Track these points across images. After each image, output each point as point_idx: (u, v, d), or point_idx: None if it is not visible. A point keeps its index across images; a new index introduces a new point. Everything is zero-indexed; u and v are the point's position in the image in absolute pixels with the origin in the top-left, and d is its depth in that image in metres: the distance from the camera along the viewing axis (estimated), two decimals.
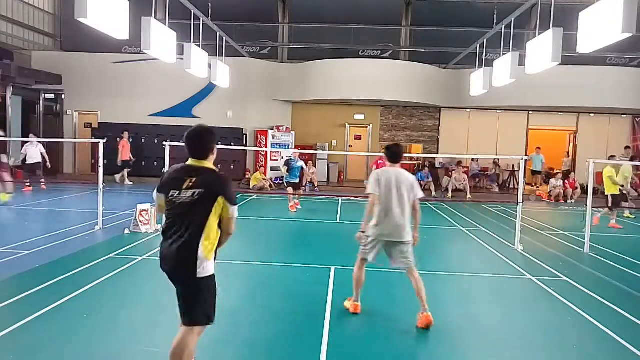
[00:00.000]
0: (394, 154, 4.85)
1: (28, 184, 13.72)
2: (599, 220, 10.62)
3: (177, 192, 3.11)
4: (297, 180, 12.07)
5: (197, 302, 3.16)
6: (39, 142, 13.96)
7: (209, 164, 3.24)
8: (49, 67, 18.11)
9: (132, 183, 15.92)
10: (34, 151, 13.64)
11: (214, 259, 3.20)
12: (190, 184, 3.09)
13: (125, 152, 16.31)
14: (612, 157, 12.06)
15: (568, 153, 18.30)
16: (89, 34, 10.93)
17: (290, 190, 11.92)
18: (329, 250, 7.98)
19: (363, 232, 4.81)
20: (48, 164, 13.97)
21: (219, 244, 3.24)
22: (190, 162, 3.22)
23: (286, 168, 12.11)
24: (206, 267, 3.11)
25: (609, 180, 10.37)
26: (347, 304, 5.04)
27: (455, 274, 6.78)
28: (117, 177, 16.30)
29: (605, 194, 10.70)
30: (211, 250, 3.15)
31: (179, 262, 3.09)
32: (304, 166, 12.53)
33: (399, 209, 4.65)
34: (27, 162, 13.75)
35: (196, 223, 3.09)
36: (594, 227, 9.55)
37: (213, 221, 3.12)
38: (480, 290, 6.09)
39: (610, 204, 10.63)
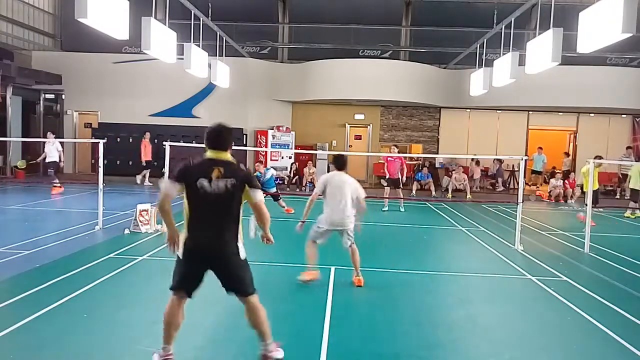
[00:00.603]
0: (339, 163, 5.94)
1: (58, 184, 13.28)
2: (584, 217, 10.72)
3: (208, 182, 3.34)
4: (274, 190, 11.48)
5: (245, 276, 3.55)
6: (57, 140, 13.76)
7: (228, 155, 3.51)
8: (49, 67, 18.12)
9: (151, 184, 15.84)
10: (51, 149, 13.41)
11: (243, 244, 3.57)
12: (221, 174, 3.35)
13: (147, 152, 16.22)
14: (598, 157, 12.42)
15: (567, 153, 18.30)
16: (89, 34, 10.93)
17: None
18: (328, 250, 7.96)
19: (303, 222, 5.93)
20: (62, 163, 13.82)
21: (263, 221, 3.66)
22: (211, 154, 3.48)
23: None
24: (242, 248, 3.53)
25: (587, 177, 10.90)
26: (305, 276, 5.84)
27: (455, 274, 6.77)
28: (138, 177, 16.20)
29: (584, 190, 11.23)
30: (240, 237, 3.53)
31: (222, 247, 3.43)
32: (275, 173, 11.95)
33: (341, 206, 5.72)
34: (46, 161, 13.57)
35: (231, 211, 3.42)
36: (579, 224, 9.85)
37: (241, 208, 3.48)
38: (480, 290, 6.09)
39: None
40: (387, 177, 12.68)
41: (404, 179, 12.82)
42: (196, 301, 5.14)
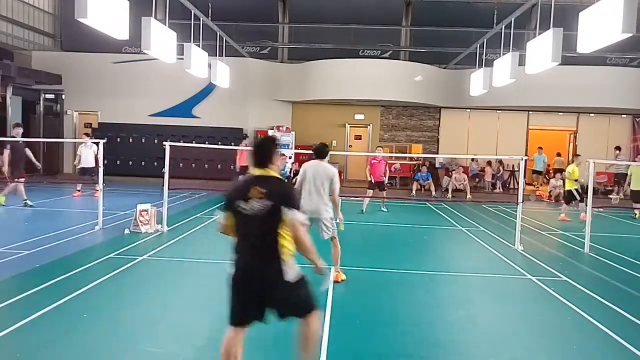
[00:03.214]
0: (317, 152, 5.99)
1: (78, 189, 12.90)
2: (567, 217, 11.62)
3: (244, 202, 3.10)
4: None
5: (296, 299, 3.21)
6: (93, 143, 12.10)
7: (271, 172, 3.24)
8: (49, 67, 18.11)
9: None
10: (88, 153, 12.55)
11: (293, 260, 3.19)
12: (257, 193, 3.09)
13: (243, 158, 15.99)
14: (577, 155, 12.98)
15: (559, 153, 18.29)
16: (89, 34, 10.92)
17: None
18: (328, 250, 7.97)
19: None
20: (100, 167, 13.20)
21: (302, 248, 3.17)
22: (254, 171, 3.25)
23: None
24: (291, 268, 3.14)
25: (569, 176, 11.73)
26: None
27: (455, 274, 6.77)
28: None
29: (566, 189, 11.94)
30: (289, 253, 3.15)
31: (264, 271, 3.12)
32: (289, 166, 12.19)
33: (314, 194, 5.74)
34: (81, 166, 12.73)
35: (270, 232, 3.10)
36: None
37: (280, 228, 3.10)
38: (480, 290, 6.08)
39: (566, 199, 11.93)
40: (371, 180, 11.84)
41: (387, 179, 12.31)
42: (196, 301, 5.16)
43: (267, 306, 3.19)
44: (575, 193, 11.65)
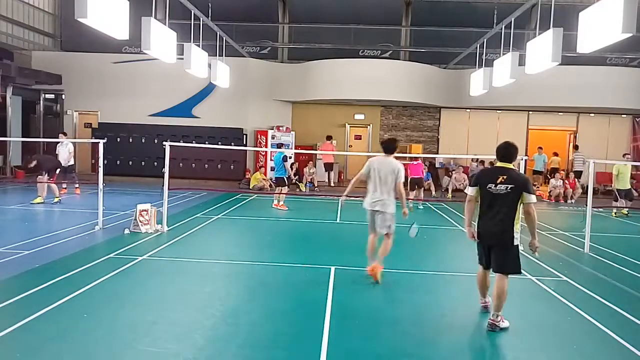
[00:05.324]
0: (384, 146, 6.22)
1: (64, 187, 13.07)
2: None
3: (494, 185, 4.56)
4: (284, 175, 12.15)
5: (509, 259, 4.62)
6: (70, 142, 13.12)
7: (511, 166, 4.73)
8: (49, 67, 18.11)
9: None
10: (64, 152, 12.82)
11: (518, 228, 4.64)
12: (503, 180, 4.53)
13: (328, 154, 16.53)
14: (555, 154, 13.50)
15: (556, 153, 18.30)
16: (89, 34, 10.93)
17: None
18: (329, 250, 7.98)
19: (346, 197, 6.23)
20: (74, 165, 13.20)
21: (531, 223, 4.58)
22: (499, 164, 4.73)
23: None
24: (516, 237, 4.58)
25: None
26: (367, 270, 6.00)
27: (455, 274, 6.77)
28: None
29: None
30: (517, 224, 4.59)
31: (499, 233, 4.57)
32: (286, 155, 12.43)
33: (377, 188, 5.99)
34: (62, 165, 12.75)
35: (509, 207, 4.52)
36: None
37: (518, 206, 4.55)
38: None
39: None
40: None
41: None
42: (196, 301, 5.15)
43: (492, 256, 4.70)
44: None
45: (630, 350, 4.26)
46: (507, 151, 4.75)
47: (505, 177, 4.54)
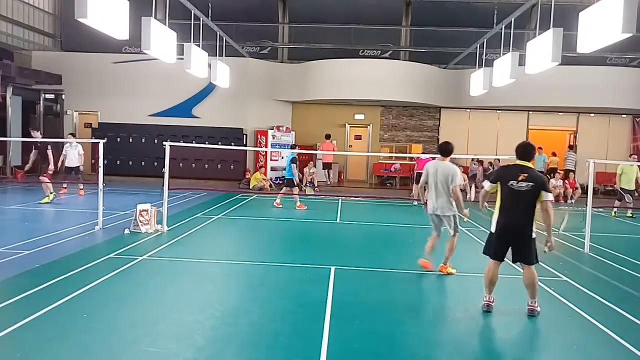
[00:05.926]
0: (440, 150, 6.49)
1: (64, 186, 13.09)
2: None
3: (515, 182, 4.86)
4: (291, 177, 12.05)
5: (530, 251, 4.94)
6: (78, 142, 13.01)
7: (530, 164, 5.02)
8: (49, 67, 18.11)
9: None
10: (73, 153, 12.69)
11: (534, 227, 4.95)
12: (524, 178, 4.83)
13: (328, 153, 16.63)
14: (553, 154, 13.78)
15: (554, 153, 18.30)
16: (89, 34, 10.93)
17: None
18: (329, 250, 7.98)
19: (422, 202, 6.73)
20: (82, 166, 13.14)
21: (547, 220, 4.88)
22: (519, 162, 5.00)
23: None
24: (533, 230, 4.90)
25: None
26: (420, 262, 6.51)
27: (455, 274, 6.76)
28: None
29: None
30: (535, 219, 4.88)
31: (519, 227, 4.90)
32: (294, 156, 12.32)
33: (436, 192, 6.26)
34: (66, 165, 12.77)
35: (529, 204, 4.84)
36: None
37: (536, 203, 4.85)
38: (481, 290, 6.05)
39: None
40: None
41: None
42: (196, 301, 5.15)
43: (513, 249, 5.00)
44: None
45: (631, 350, 4.26)
46: (526, 150, 5.09)
47: (525, 175, 4.84)
